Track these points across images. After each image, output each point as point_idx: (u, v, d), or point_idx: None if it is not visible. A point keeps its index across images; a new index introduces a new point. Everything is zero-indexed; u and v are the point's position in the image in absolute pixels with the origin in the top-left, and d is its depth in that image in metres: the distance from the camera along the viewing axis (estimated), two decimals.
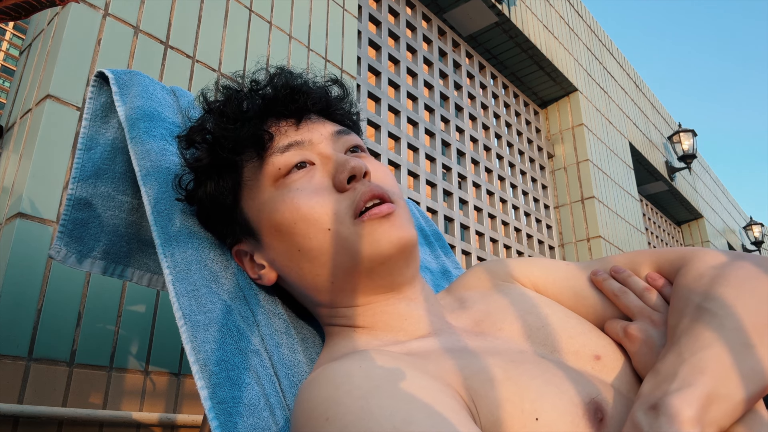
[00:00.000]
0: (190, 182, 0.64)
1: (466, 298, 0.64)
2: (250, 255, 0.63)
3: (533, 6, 3.11)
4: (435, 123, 2.52)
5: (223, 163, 0.62)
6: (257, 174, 0.61)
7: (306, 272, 0.58)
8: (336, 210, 0.56)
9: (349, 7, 1.90)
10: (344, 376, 0.44)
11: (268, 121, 0.62)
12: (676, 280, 0.54)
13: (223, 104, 0.64)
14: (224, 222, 0.64)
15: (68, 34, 1.13)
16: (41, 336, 0.96)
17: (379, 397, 0.40)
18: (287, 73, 0.67)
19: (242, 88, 0.66)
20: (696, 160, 5.32)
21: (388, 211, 0.55)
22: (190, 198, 0.64)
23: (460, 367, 0.47)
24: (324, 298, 0.60)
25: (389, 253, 0.55)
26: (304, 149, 0.60)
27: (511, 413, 0.43)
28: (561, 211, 3.27)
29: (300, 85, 0.65)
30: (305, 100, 0.63)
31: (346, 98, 0.71)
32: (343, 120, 0.68)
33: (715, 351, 0.42)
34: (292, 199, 0.57)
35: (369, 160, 0.63)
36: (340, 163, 0.58)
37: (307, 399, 0.44)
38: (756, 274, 0.48)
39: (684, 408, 0.38)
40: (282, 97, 0.63)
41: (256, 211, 0.61)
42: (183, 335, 0.53)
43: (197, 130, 0.64)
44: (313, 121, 0.63)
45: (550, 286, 0.62)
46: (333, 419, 0.40)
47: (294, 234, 0.57)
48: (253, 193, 0.61)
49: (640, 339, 0.51)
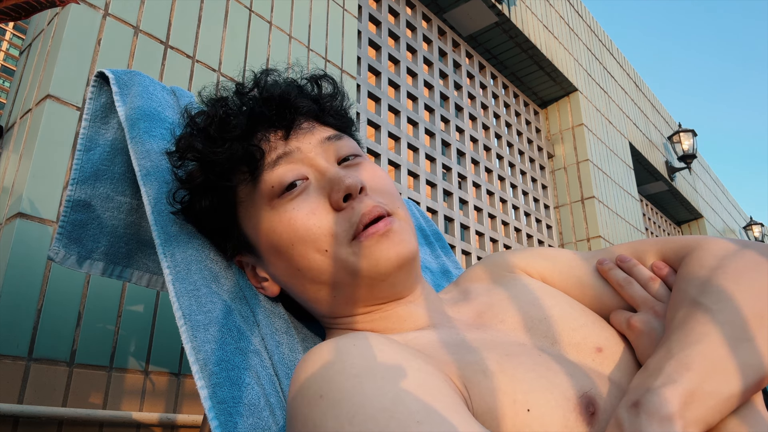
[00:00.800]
0: (185, 197, 0.63)
1: (470, 290, 0.64)
2: (252, 266, 0.63)
3: (533, 6, 3.11)
4: (435, 123, 2.51)
5: (215, 185, 0.60)
6: (251, 193, 0.59)
7: (307, 288, 0.58)
8: (334, 231, 0.55)
9: (349, 7, 1.90)
10: (338, 354, 0.44)
11: (257, 134, 0.60)
12: (679, 270, 0.53)
13: (208, 123, 0.61)
14: (223, 236, 0.63)
15: (68, 34, 1.13)
16: (41, 336, 0.96)
17: (373, 377, 0.41)
18: (271, 84, 0.64)
19: (228, 99, 0.63)
20: (696, 160, 5.32)
21: (386, 228, 0.54)
22: (185, 212, 0.63)
23: (455, 358, 0.48)
24: (325, 310, 0.60)
25: (388, 271, 0.55)
26: (294, 161, 0.58)
27: (503, 402, 0.43)
28: (561, 211, 3.27)
29: (287, 92, 0.62)
30: (294, 113, 0.61)
31: (336, 95, 0.69)
32: (334, 121, 0.66)
33: (703, 346, 0.42)
34: (288, 220, 0.56)
35: (363, 166, 0.61)
36: (335, 181, 0.56)
37: (302, 377, 0.45)
38: (757, 264, 0.48)
39: (665, 404, 0.38)
40: (270, 113, 0.60)
41: (253, 229, 0.60)
42: (183, 335, 0.53)
43: (186, 147, 0.62)
44: (302, 128, 0.61)
45: (556, 277, 0.62)
46: (326, 396, 0.41)
47: (292, 255, 0.56)
48: (249, 212, 0.60)
49: (642, 331, 0.51)
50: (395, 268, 0.55)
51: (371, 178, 0.59)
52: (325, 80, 0.69)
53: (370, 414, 0.38)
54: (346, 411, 0.39)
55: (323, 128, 0.63)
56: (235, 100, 0.63)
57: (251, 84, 0.64)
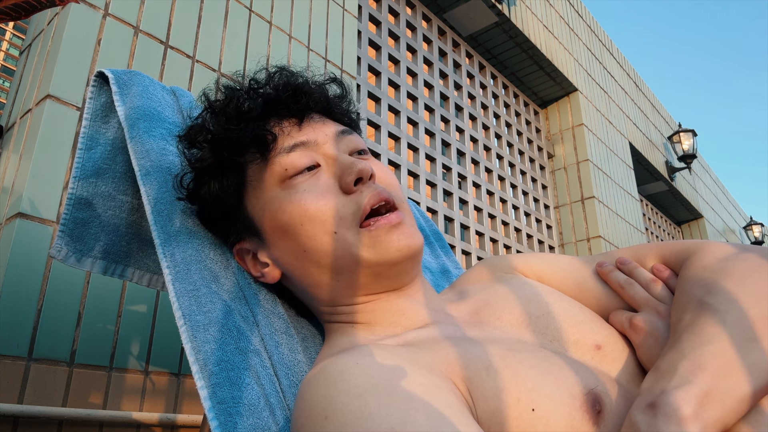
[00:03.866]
0: (191, 182, 0.64)
1: (467, 290, 0.64)
2: (253, 253, 0.64)
3: (533, 6, 3.11)
4: (435, 123, 2.52)
5: (226, 163, 0.62)
6: (261, 174, 0.61)
7: (311, 271, 0.59)
8: (342, 213, 0.56)
9: (349, 7, 1.90)
10: (342, 374, 0.44)
11: (271, 120, 0.62)
12: (681, 272, 0.53)
13: (225, 104, 0.63)
14: (227, 221, 0.64)
15: (68, 34, 1.13)
16: (41, 336, 0.96)
17: (377, 396, 0.40)
18: (287, 73, 0.67)
19: (242, 88, 0.65)
20: (696, 160, 5.32)
21: (398, 220, 0.56)
22: (191, 197, 0.64)
23: (457, 356, 0.47)
24: (326, 296, 0.60)
25: (397, 260, 0.56)
26: (309, 150, 0.60)
27: (507, 403, 0.43)
28: (561, 211, 3.27)
29: (301, 84, 0.65)
30: (307, 101, 0.63)
31: (345, 97, 0.71)
32: (344, 119, 0.69)
33: (715, 347, 0.41)
34: (299, 200, 0.57)
35: (373, 162, 0.63)
36: (346, 165, 0.58)
37: (306, 397, 0.44)
38: (760, 266, 0.47)
39: (682, 406, 0.38)
40: (284, 97, 0.63)
41: (260, 210, 0.61)
42: (183, 335, 0.53)
43: (198, 130, 0.64)
44: (315, 120, 0.63)
45: (554, 278, 0.62)
46: (331, 418, 0.40)
47: (300, 235, 0.57)
48: (257, 192, 0.61)
49: (645, 330, 0.51)
50: (405, 258, 0.56)
51: (381, 172, 0.62)
52: (336, 83, 0.71)
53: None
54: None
55: (334, 123, 0.65)
56: (250, 90, 0.65)
57: (265, 79, 0.66)
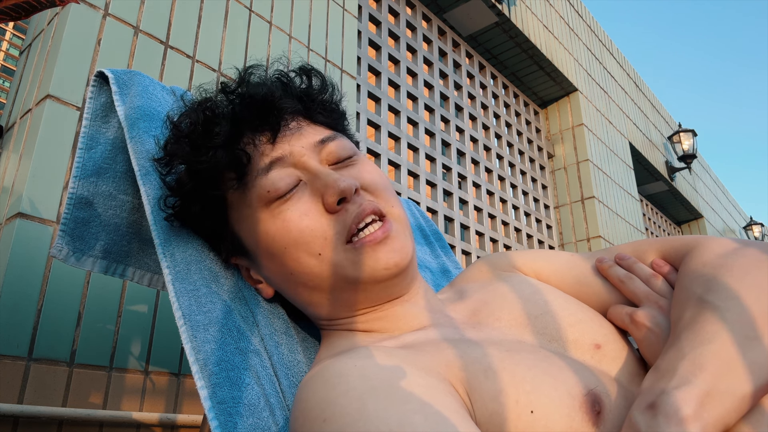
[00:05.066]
0: (176, 202, 0.62)
1: (466, 289, 0.63)
2: (246, 268, 0.63)
3: (533, 6, 3.11)
4: (435, 123, 2.51)
5: (204, 191, 0.60)
6: (243, 197, 0.58)
7: (300, 291, 0.58)
8: (327, 234, 0.54)
9: (349, 7, 1.90)
10: (340, 375, 0.44)
11: (243, 138, 0.59)
12: (681, 268, 0.53)
13: (191, 130, 0.59)
14: (217, 238, 0.63)
15: (68, 34, 1.13)
16: (41, 336, 0.96)
17: (376, 398, 0.40)
18: (255, 84, 0.62)
19: (206, 104, 0.61)
20: (696, 160, 5.32)
21: (384, 236, 0.54)
22: (178, 218, 0.62)
23: (455, 357, 0.47)
24: (322, 312, 0.59)
25: (385, 278, 0.54)
26: (287, 165, 0.57)
27: (506, 405, 0.42)
28: (561, 211, 3.27)
29: (271, 93, 0.60)
30: (279, 115, 0.59)
31: (324, 89, 0.66)
32: (324, 119, 0.64)
33: (715, 346, 0.41)
34: (282, 222, 0.55)
35: (357, 166, 0.60)
36: (328, 184, 0.55)
37: (305, 399, 0.44)
38: (760, 262, 0.47)
39: (682, 406, 0.38)
40: (253, 115, 0.58)
41: (246, 232, 0.59)
42: (183, 335, 0.53)
43: (171, 155, 0.60)
44: (291, 131, 0.59)
45: (553, 275, 0.62)
46: (330, 420, 0.40)
47: (285, 258, 0.56)
48: (241, 215, 0.59)
49: (647, 326, 0.50)
50: (393, 276, 0.54)
51: (365, 177, 0.59)
52: (313, 74, 0.67)
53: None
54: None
55: (313, 127, 0.62)
56: (221, 100, 0.61)
57: (236, 82, 0.62)
